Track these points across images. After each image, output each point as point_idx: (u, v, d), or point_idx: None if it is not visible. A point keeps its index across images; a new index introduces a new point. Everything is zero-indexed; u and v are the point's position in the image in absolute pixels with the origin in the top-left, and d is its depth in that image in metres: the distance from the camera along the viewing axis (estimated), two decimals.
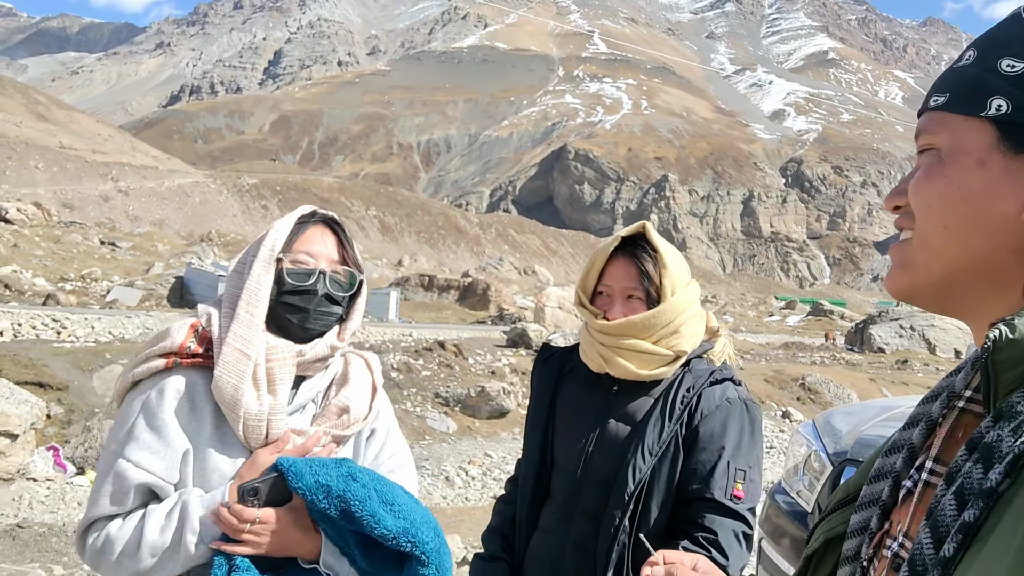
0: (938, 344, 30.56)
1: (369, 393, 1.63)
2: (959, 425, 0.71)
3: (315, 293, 1.52)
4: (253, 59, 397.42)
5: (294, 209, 1.63)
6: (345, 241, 1.62)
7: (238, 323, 1.47)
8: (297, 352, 1.51)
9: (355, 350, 1.70)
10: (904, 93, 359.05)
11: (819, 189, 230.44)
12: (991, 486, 0.57)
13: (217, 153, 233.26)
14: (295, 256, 1.54)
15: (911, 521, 0.70)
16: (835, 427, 3.34)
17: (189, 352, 1.47)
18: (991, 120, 0.66)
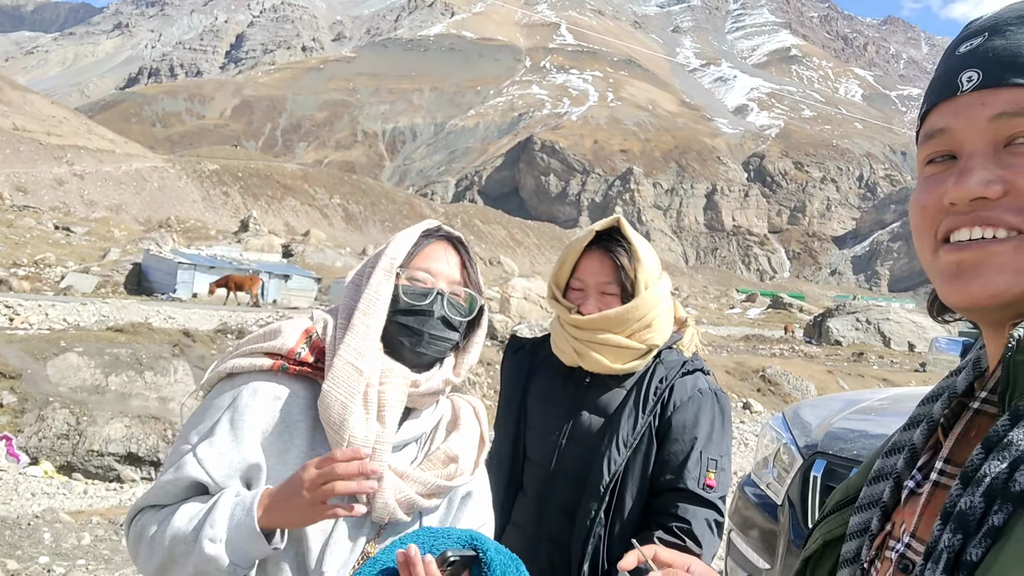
0: (892, 337, 31.31)
1: (476, 444, 1.49)
2: (973, 426, 0.70)
3: (431, 315, 1.39)
4: (214, 42, 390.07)
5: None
6: (468, 262, 1.49)
7: (353, 335, 1.34)
8: (412, 380, 1.38)
9: (460, 395, 1.58)
10: (863, 90, 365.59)
11: (780, 184, 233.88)
12: (1019, 490, 0.56)
13: (176, 137, 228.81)
14: (413, 272, 1.42)
15: (919, 521, 0.69)
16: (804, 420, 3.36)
17: (298, 359, 1.35)
18: None
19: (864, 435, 2.97)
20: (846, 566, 0.77)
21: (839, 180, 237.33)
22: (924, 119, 0.71)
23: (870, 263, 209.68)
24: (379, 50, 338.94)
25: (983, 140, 0.65)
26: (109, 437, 9.17)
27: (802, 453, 3.05)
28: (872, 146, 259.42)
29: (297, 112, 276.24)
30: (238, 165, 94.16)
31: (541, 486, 1.81)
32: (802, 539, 2.74)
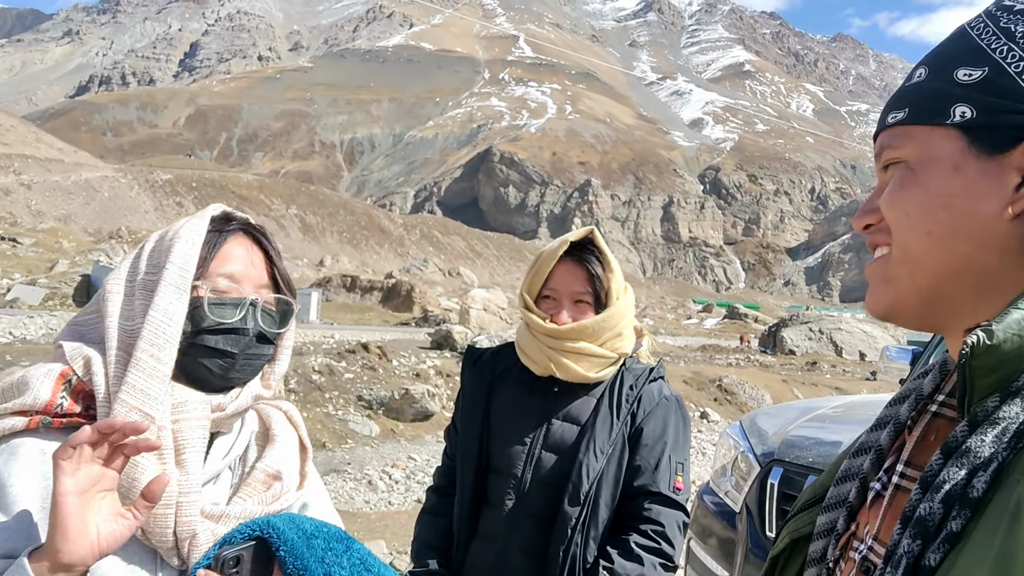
0: (844, 346, 31.96)
1: (298, 454, 1.27)
2: (931, 429, 0.72)
3: (245, 333, 1.13)
4: (168, 50, 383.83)
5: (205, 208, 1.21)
6: (275, 256, 1.23)
7: (138, 372, 1.03)
8: (214, 407, 1.11)
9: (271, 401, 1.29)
10: (814, 105, 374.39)
11: (735, 196, 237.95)
12: (977, 496, 0.58)
13: (128, 146, 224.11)
14: (214, 281, 1.14)
15: (881, 524, 0.70)
16: (761, 428, 3.39)
17: (60, 412, 1.04)
18: (957, 127, 0.68)
19: (819, 443, 3.00)
20: (813, 565, 0.78)
21: (792, 193, 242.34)
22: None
23: (822, 274, 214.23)
24: (337, 60, 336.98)
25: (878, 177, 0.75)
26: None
27: (759, 461, 3.08)
28: (823, 160, 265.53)
29: (253, 122, 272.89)
30: (192, 175, 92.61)
31: (512, 496, 1.79)
32: (760, 547, 2.89)
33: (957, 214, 0.67)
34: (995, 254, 0.67)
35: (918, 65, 0.75)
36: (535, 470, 1.78)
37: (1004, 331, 0.61)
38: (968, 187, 0.67)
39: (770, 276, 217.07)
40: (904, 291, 0.71)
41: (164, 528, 1.02)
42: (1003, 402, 0.61)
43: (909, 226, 0.70)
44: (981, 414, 0.62)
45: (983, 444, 0.60)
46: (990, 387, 0.63)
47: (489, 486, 1.84)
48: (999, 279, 0.67)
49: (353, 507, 9.31)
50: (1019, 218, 0.65)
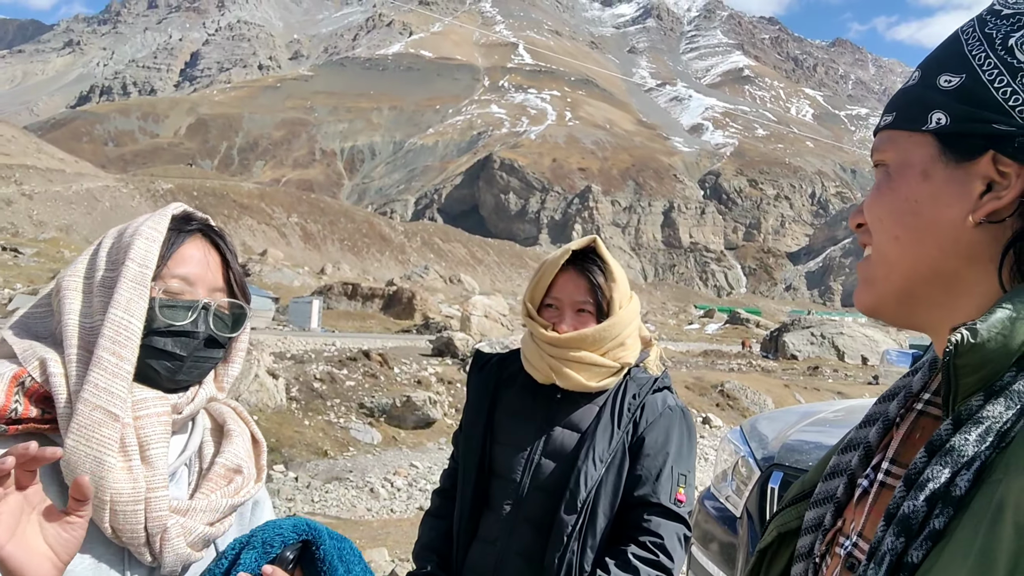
0: (846, 351, 31.93)
1: (251, 448, 1.27)
2: (917, 427, 0.73)
3: (195, 336, 1.12)
4: (168, 60, 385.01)
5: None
6: (231, 259, 1.22)
7: (101, 371, 1.02)
8: (172, 406, 1.11)
9: (218, 398, 1.28)
10: (814, 110, 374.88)
11: (735, 201, 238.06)
12: (960, 494, 0.58)
13: (129, 156, 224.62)
14: (168, 282, 1.12)
15: (866, 521, 0.71)
16: (761, 433, 3.39)
17: (15, 418, 1.00)
18: (933, 133, 0.69)
19: (819, 447, 3.00)
20: (800, 560, 0.79)
21: (792, 197, 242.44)
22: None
23: (823, 278, 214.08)
24: (337, 69, 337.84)
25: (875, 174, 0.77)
26: None
27: (760, 466, 3.09)
28: (823, 164, 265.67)
29: (254, 131, 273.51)
30: (193, 184, 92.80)
31: (512, 501, 1.81)
32: None
33: (924, 220, 0.69)
34: (962, 260, 0.67)
35: (916, 68, 0.76)
36: (534, 476, 1.80)
37: (988, 330, 0.62)
38: (934, 194, 0.68)
39: (771, 281, 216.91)
40: (882, 291, 0.74)
41: (135, 525, 1.02)
42: (987, 401, 0.62)
43: (882, 230, 0.72)
44: (965, 413, 0.62)
45: (967, 443, 0.60)
46: (974, 386, 0.64)
47: (490, 490, 1.87)
48: (970, 283, 0.68)
49: (355, 515, 9.31)
50: (983, 226, 0.66)
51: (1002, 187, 0.66)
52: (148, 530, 1.03)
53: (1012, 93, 0.65)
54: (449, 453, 1.92)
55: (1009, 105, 0.65)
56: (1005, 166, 0.65)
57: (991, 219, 0.66)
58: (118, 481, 1.01)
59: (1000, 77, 0.66)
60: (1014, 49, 0.66)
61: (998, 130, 0.65)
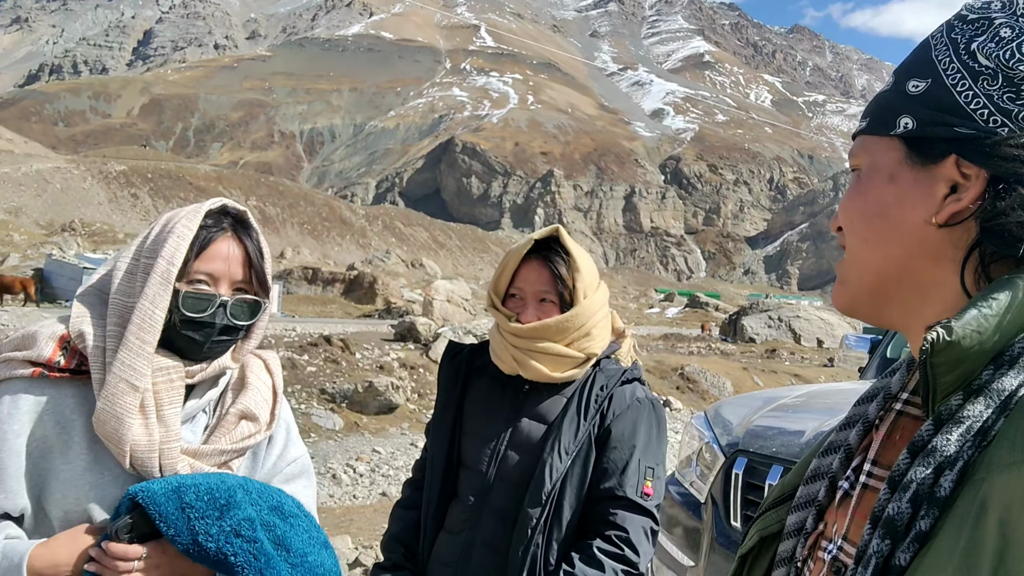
0: (803, 334, 32.54)
1: (271, 398, 1.48)
2: (897, 427, 0.73)
3: (212, 326, 1.34)
4: (120, 38, 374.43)
5: (199, 202, 1.40)
6: (254, 253, 1.41)
7: (127, 351, 1.27)
8: (187, 373, 1.35)
9: (254, 350, 1.52)
10: (772, 96, 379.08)
11: (695, 186, 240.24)
12: (944, 495, 0.59)
13: (80, 137, 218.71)
14: (193, 277, 1.34)
15: (850, 524, 0.71)
16: (725, 418, 3.41)
17: (58, 367, 1.29)
18: (900, 137, 0.70)
19: (782, 432, 3.04)
20: (782, 565, 0.79)
21: (751, 183, 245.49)
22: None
23: (781, 263, 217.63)
24: (296, 49, 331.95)
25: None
26: None
27: (724, 451, 3.11)
28: (781, 150, 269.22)
29: (210, 112, 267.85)
30: (147, 166, 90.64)
31: (478, 492, 1.81)
32: (725, 536, 2.94)
33: (889, 222, 0.70)
34: (928, 261, 0.69)
35: (891, 75, 0.77)
36: (500, 467, 1.80)
37: (963, 327, 0.62)
38: (900, 197, 0.70)
39: (730, 265, 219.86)
40: (855, 291, 0.75)
41: (151, 468, 1.27)
42: (966, 400, 0.62)
43: (852, 232, 0.74)
44: (945, 413, 0.63)
45: (948, 443, 0.60)
46: (952, 384, 0.64)
47: (458, 481, 1.87)
48: (938, 284, 0.69)
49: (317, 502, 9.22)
50: (948, 227, 0.67)
51: (964, 189, 0.67)
52: (162, 471, 1.29)
53: (974, 96, 0.66)
54: (412, 439, 1.85)
55: (971, 108, 0.66)
56: (968, 168, 0.66)
57: (953, 221, 0.67)
58: (137, 435, 1.26)
59: (963, 81, 0.67)
60: (976, 53, 0.67)
61: (960, 133, 0.66)
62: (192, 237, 1.33)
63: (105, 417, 1.23)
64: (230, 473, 1.34)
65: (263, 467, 1.47)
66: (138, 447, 1.25)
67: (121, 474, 1.28)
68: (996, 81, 0.66)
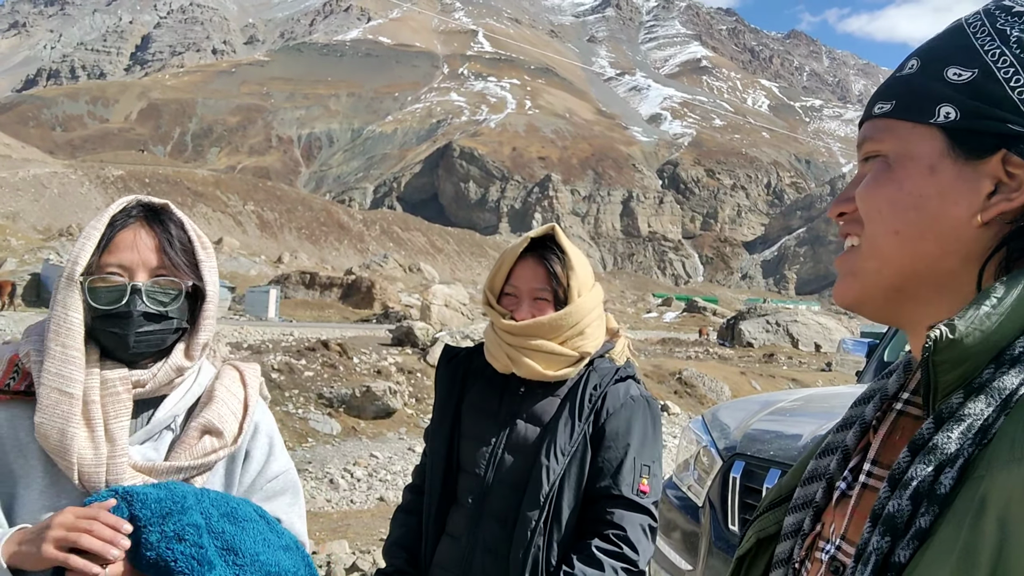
0: (800, 338, 32.55)
1: (240, 411, 1.40)
2: (897, 427, 0.72)
3: (129, 316, 1.27)
4: (118, 43, 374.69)
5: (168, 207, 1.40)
6: (167, 240, 1.34)
7: (51, 359, 1.24)
8: (134, 382, 1.29)
9: (234, 361, 1.49)
10: (770, 101, 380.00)
11: (693, 191, 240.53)
12: (944, 492, 0.58)
13: (78, 142, 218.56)
14: (102, 272, 1.28)
15: (848, 524, 0.70)
16: (723, 422, 3.40)
17: (8, 389, 1.27)
18: (940, 127, 0.67)
19: (780, 436, 3.03)
20: (779, 567, 0.78)
21: (748, 187, 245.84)
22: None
23: (778, 267, 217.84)
24: (293, 54, 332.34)
25: (858, 166, 0.75)
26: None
27: (721, 455, 3.10)
28: (779, 155, 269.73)
29: (208, 116, 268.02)
30: (145, 171, 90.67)
31: (477, 496, 1.80)
32: (723, 540, 2.92)
33: (927, 216, 0.67)
34: (959, 258, 0.67)
35: (911, 56, 0.73)
36: (497, 470, 1.79)
37: (966, 325, 0.61)
38: (941, 190, 0.66)
39: (728, 270, 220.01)
40: (869, 286, 0.72)
41: (97, 483, 1.22)
42: (967, 398, 0.62)
43: (879, 222, 0.70)
44: (946, 411, 0.62)
45: (949, 441, 0.60)
46: (953, 383, 0.63)
47: (458, 485, 1.86)
48: (958, 281, 0.67)
49: (315, 506, 9.22)
50: (986, 226, 0.65)
51: (1010, 188, 0.65)
52: (109, 485, 1.22)
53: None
54: (410, 444, 1.76)
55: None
56: (1015, 167, 0.64)
57: (999, 220, 0.65)
58: (83, 448, 1.22)
59: (1017, 76, 0.65)
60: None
61: (1012, 130, 0.64)
62: (98, 237, 1.30)
63: (45, 430, 1.21)
64: (184, 483, 1.28)
65: (240, 485, 1.41)
66: (85, 462, 1.22)
67: (78, 497, 1.23)
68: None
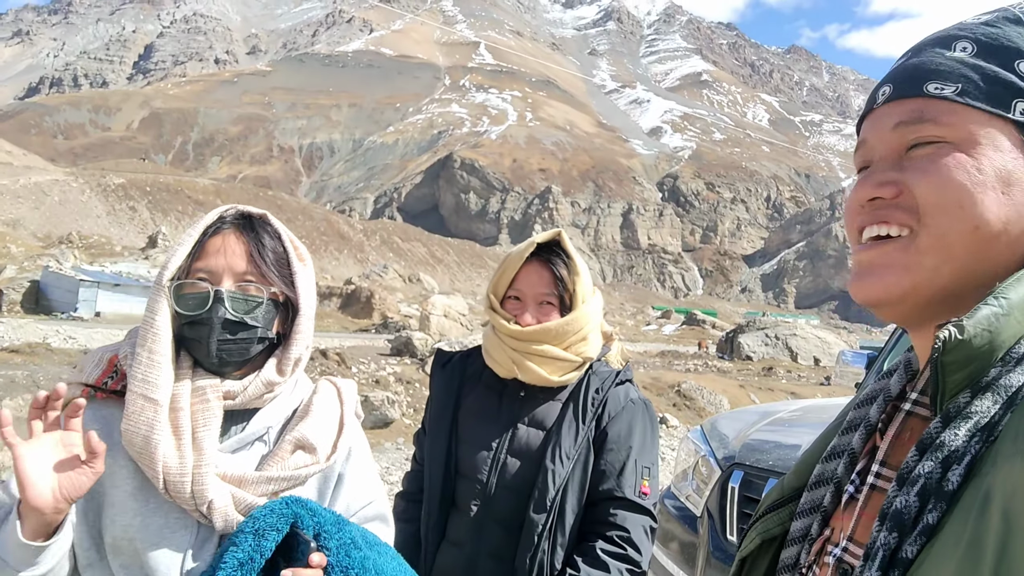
0: (799, 352, 32.53)
1: (335, 428, 1.38)
2: (906, 428, 0.71)
3: (209, 322, 1.25)
4: (121, 52, 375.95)
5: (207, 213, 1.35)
6: (258, 247, 1.32)
7: (139, 365, 1.23)
8: (224, 393, 1.28)
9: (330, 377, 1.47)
10: (770, 115, 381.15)
11: (693, 204, 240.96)
12: (952, 488, 0.58)
13: (80, 150, 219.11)
14: (192, 279, 1.28)
15: (856, 525, 0.70)
16: (722, 432, 3.39)
17: (105, 387, 1.27)
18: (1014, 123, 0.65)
19: (778, 446, 3.01)
20: (786, 572, 0.77)
21: (748, 201, 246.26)
22: (858, 131, 0.76)
23: (778, 281, 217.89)
24: (296, 64, 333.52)
25: (887, 147, 0.70)
26: (3, 464, 8.64)
27: (720, 465, 3.08)
28: (779, 169, 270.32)
29: (210, 125, 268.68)
30: (146, 179, 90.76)
31: (479, 502, 1.78)
32: (721, 550, 2.90)
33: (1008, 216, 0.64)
34: (1018, 259, 0.65)
35: (956, 37, 0.69)
36: (500, 475, 1.78)
37: (974, 326, 0.61)
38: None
39: (727, 283, 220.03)
40: (921, 283, 0.67)
41: (182, 492, 1.20)
42: (974, 397, 0.61)
43: (957, 217, 0.64)
44: (954, 410, 0.62)
45: (956, 438, 0.60)
46: (961, 383, 0.63)
47: (457, 491, 1.83)
48: (992, 282, 0.65)
49: None
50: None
51: None
52: (195, 497, 1.20)
53: None
54: (407, 454, 1.79)
55: None
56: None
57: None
58: (168, 456, 1.20)
59: None
60: None
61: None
62: (192, 243, 1.30)
63: (130, 437, 1.20)
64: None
65: (334, 508, 1.37)
66: (170, 471, 1.20)
67: (164, 503, 1.23)
68: None
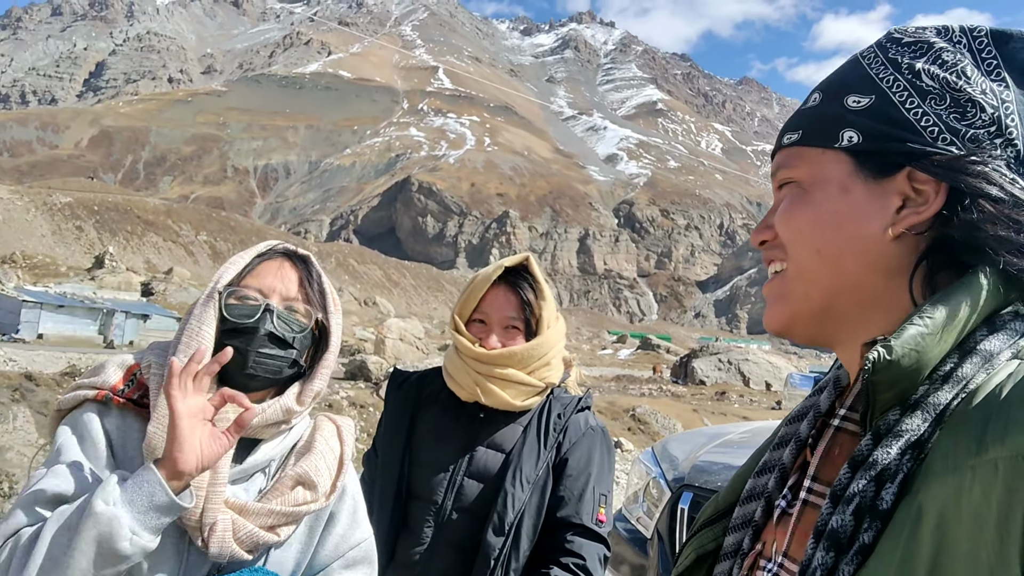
0: (751, 377, 33.01)
1: (335, 467, 1.38)
2: (835, 443, 0.73)
3: (256, 332, 1.28)
4: (72, 69, 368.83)
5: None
6: (308, 279, 1.38)
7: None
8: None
9: (328, 414, 1.47)
10: (722, 144, 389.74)
11: (648, 230, 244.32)
12: (886, 507, 0.60)
13: (25, 168, 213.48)
14: (242, 291, 1.32)
15: (790, 541, 0.71)
16: (672, 454, 3.39)
17: (122, 394, 1.27)
18: (845, 151, 0.71)
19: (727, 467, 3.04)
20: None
21: (702, 228, 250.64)
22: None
23: (730, 306, 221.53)
24: (252, 85, 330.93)
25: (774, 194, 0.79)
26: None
27: (670, 486, 3.09)
28: (731, 196, 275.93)
29: (162, 145, 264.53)
30: (94, 198, 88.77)
31: (433, 524, 1.77)
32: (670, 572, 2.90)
33: (845, 233, 0.70)
34: (880, 273, 0.69)
35: (814, 90, 0.78)
36: (456, 498, 1.76)
37: (902, 346, 0.63)
38: (854, 209, 0.70)
39: (681, 308, 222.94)
40: (798, 308, 0.74)
41: (193, 509, 1.18)
42: (903, 415, 0.64)
43: (801, 243, 0.72)
44: (884, 427, 0.64)
45: (888, 456, 0.61)
46: (890, 401, 0.65)
47: (409, 513, 1.81)
48: (882, 296, 0.70)
49: None
50: (899, 240, 0.68)
51: (918, 202, 0.68)
52: (202, 518, 1.18)
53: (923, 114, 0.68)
54: (368, 474, 1.93)
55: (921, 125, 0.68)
56: (921, 183, 0.68)
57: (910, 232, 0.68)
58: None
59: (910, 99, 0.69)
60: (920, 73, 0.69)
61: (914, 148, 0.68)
62: (244, 264, 1.36)
63: (156, 442, 1.18)
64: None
65: (323, 547, 1.37)
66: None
67: (171, 528, 1.20)
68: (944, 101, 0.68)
